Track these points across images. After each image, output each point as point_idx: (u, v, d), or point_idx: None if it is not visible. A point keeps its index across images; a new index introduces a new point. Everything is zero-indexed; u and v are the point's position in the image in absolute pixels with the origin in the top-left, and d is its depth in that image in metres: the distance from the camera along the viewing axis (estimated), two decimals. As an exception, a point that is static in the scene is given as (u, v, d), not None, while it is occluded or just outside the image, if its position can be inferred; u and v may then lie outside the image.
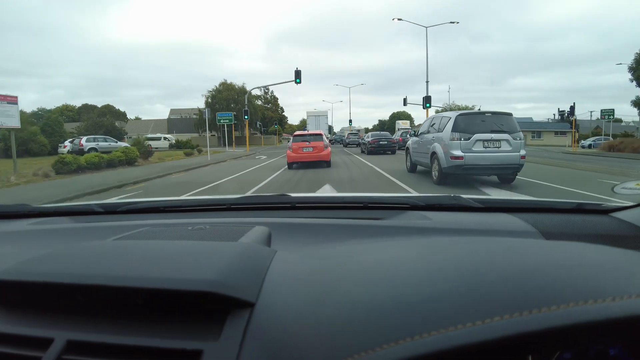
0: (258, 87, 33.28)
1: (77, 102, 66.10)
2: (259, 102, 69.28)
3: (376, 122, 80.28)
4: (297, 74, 18.23)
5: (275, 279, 0.46)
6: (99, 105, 64.39)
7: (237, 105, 42.80)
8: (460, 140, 5.72)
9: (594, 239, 0.76)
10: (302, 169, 9.85)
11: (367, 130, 49.34)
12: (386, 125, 65.09)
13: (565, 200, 0.96)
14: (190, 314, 0.42)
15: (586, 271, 0.41)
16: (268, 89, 71.45)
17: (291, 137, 11.56)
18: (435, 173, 6.21)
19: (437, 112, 30.60)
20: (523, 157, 5.80)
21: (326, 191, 5.99)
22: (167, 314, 0.42)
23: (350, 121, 40.02)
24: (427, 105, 19.14)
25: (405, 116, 62.50)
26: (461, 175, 5.94)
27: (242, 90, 43.58)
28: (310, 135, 10.91)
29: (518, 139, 5.78)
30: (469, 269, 0.44)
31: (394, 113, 63.71)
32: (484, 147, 5.73)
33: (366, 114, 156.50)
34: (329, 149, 10.82)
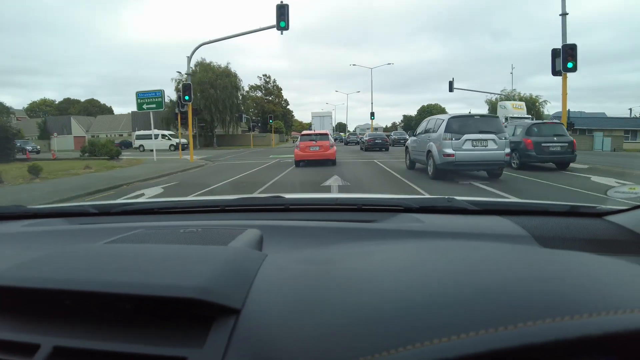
0: (210, 42, 16.21)
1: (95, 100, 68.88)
2: (259, 94, 66.91)
3: (395, 120, 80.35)
4: (281, 11, 11.91)
5: (263, 284, 0.53)
6: (82, 100, 63.62)
7: (217, 90, 38.88)
8: (452, 140, 7.86)
9: (586, 243, 0.89)
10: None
11: (385, 129, 50.76)
12: (413, 122, 65.42)
13: (559, 202, 1.10)
14: (177, 319, 0.48)
15: (573, 283, 0.47)
16: (269, 78, 68.78)
17: (299, 137, 13.92)
18: (430, 169, 8.30)
19: (493, 100, 31.90)
20: (508, 154, 7.91)
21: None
22: (154, 320, 0.48)
23: (373, 114, 37.38)
24: (570, 65, 11.66)
25: (440, 109, 61.63)
26: (453, 170, 7.99)
27: (226, 72, 39.92)
28: (317, 134, 13.21)
29: (503, 138, 7.89)
30: (452, 279, 0.51)
31: (423, 106, 64.48)
32: (472, 146, 7.83)
33: (382, 112, 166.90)
34: (335, 148, 12.90)
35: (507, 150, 8.09)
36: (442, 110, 60.69)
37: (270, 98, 67.80)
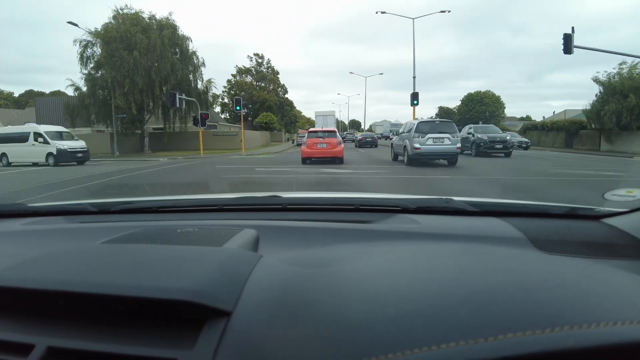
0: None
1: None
2: (249, 79, 60.66)
3: (417, 117, 78.86)
4: None
5: (256, 286, 0.62)
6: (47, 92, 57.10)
7: (135, 53, 25.90)
8: (419, 137, 13.12)
9: (583, 246, 1.03)
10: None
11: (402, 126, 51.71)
12: (456, 115, 60.76)
13: (558, 204, 1.27)
14: (169, 321, 0.57)
15: (560, 293, 0.55)
16: (262, 58, 61.69)
17: (305, 134, 16.80)
18: (405, 159, 13.66)
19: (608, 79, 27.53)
20: (458, 148, 13.49)
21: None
22: (147, 321, 0.57)
23: (416, 97, 24.37)
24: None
25: (492, 97, 57.17)
26: (420, 159, 13.59)
27: (160, 25, 28.05)
28: (325, 132, 15.88)
29: (455, 137, 13.50)
30: (441, 286, 0.60)
31: (470, 94, 61.04)
32: (433, 142, 13.53)
33: (393, 110, 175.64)
34: (342, 145, 15.61)
35: (458, 145, 13.49)
36: (497, 99, 58.78)
37: (262, 84, 62.09)
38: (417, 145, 13.93)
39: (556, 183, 9.35)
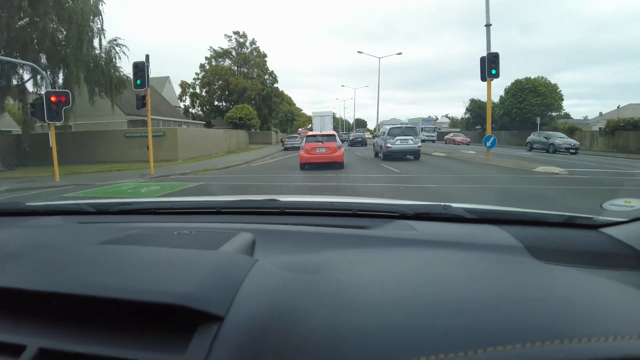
0: None
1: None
2: (227, 63, 48.86)
3: (431, 115, 79.02)
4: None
5: (250, 291, 0.66)
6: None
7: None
8: (390, 139, 19.47)
9: (580, 256, 1.09)
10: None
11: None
12: (498, 110, 51.50)
13: (556, 213, 1.36)
14: (162, 324, 0.60)
15: (552, 306, 0.58)
16: (245, 37, 48.57)
17: (299, 135, 21.25)
18: (381, 155, 20.32)
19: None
20: (419, 146, 20.11)
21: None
22: (139, 324, 0.61)
23: (494, 60, 16.20)
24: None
25: (547, 85, 46.44)
26: (392, 155, 20.28)
27: None
28: (323, 135, 16.63)
29: (417, 138, 19.65)
30: (434, 295, 0.64)
31: (518, 81, 50.25)
32: (400, 142, 20.41)
33: (401, 109, 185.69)
34: (342, 149, 16.41)
35: (420, 144, 19.66)
36: (554, 88, 47.92)
37: (245, 70, 50.28)
38: (389, 145, 21.71)
39: None
